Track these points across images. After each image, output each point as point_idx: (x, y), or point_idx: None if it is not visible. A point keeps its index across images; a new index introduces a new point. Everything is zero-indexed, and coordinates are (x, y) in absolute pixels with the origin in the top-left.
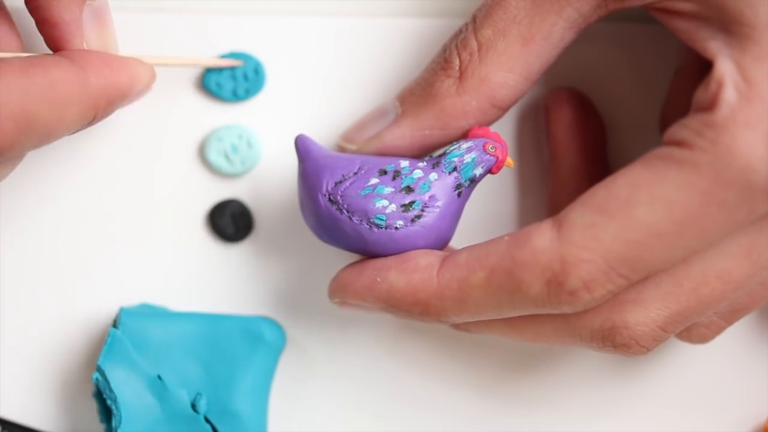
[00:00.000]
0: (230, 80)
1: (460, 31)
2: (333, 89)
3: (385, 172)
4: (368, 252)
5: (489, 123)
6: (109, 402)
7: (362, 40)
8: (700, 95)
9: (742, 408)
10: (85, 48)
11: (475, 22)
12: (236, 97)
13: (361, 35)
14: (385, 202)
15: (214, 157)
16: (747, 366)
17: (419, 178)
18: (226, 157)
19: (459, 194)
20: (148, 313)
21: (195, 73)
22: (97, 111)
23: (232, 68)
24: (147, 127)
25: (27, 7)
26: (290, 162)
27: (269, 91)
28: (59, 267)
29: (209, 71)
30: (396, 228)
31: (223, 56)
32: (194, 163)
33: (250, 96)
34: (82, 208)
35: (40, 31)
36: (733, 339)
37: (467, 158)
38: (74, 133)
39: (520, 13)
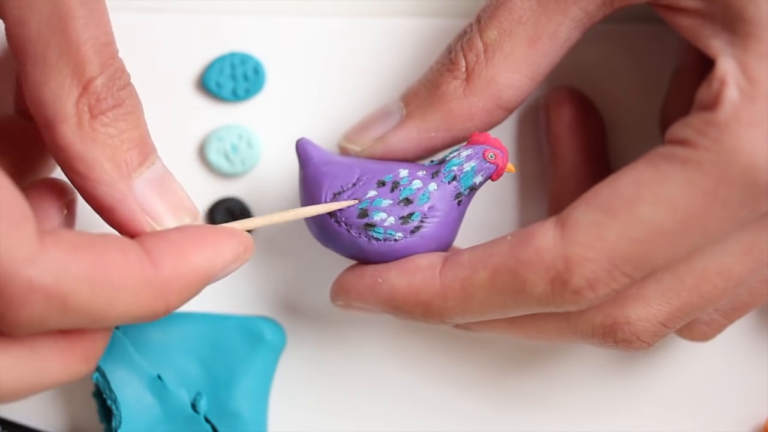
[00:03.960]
0: (230, 80)
1: (465, 32)
2: (333, 89)
3: (384, 184)
4: (368, 261)
5: (495, 124)
6: (109, 402)
7: (362, 40)
8: (703, 94)
9: (742, 408)
10: (152, 226)
11: (480, 23)
12: (236, 97)
13: (361, 35)
14: (383, 215)
15: (214, 156)
16: (747, 366)
17: (418, 189)
18: (226, 156)
19: (459, 203)
20: None
21: (195, 73)
22: (167, 300)
23: (232, 68)
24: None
25: (82, 197)
26: (290, 162)
27: (269, 91)
28: None
29: (209, 70)
30: (395, 240)
31: (223, 56)
32: (194, 162)
33: (250, 96)
34: (82, 207)
35: (105, 221)
36: (733, 339)
37: (467, 167)
38: (146, 321)
39: (526, 13)
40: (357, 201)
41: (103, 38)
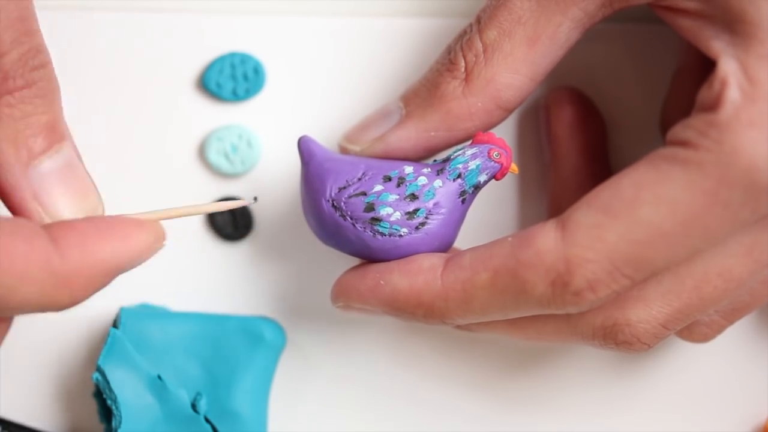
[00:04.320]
0: (230, 80)
1: (465, 32)
2: (333, 89)
3: (390, 179)
4: (372, 258)
5: (494, 124)
6: (109, 402)
7: (362, 40)
8: (704, 95)
9: (742, 408)
10: (41, 216)
11: (480, 23)
12: (236, 97)
13: (361, 35)
14: (389, 210)
15: (214, 157)
16: (747, 366)
17: (424, 185)
18: (226, 157)
19: (463, 201)
20: (148, 313)
21: (195, 73)
22: (72, 292)
23: (232, 68)
24: (147, 127)
25: None
26: (290, 162)
27: (269, 91)
28: None
29: (209, 70)
30: (400, 235)
31: (223, 56)
32: (194, 162)
33: (250, 96)
34: None
35: (4, 204)
36: (733, 339)
37: (472, 165)
38: (49, 312)
39: (525, 13)
40: (251, 202)
41: (16, 12)
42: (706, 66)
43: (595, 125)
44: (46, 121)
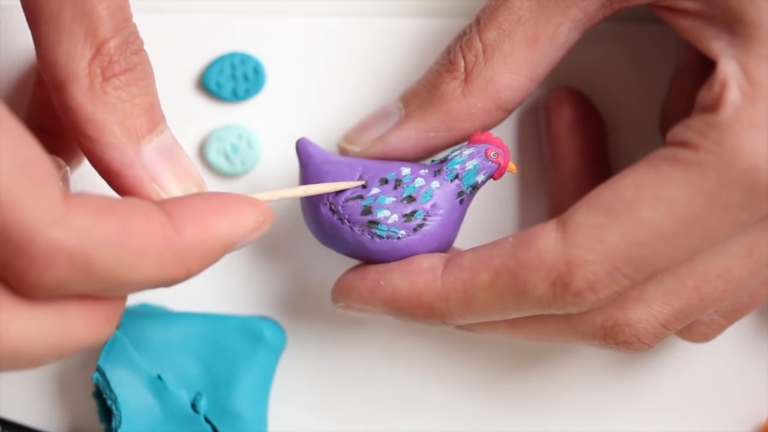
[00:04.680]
0: (230, 80)
1: (464, 32)
2: (333, 89)
3: (387, 181)
4: (370, 260)
5: (494, 125)
6: (109, 402)
7: (362, 40)
8: (704, 96)
9: (742, 408)
10: (158, 193)
11: (479, 24)
12: (236, 97)
13: (361, 35)
14: (386, 212)
15: (214, 157)
16: (747, 366)
17: (421, 187)
18: (226, 157)
19: (461, 201)
20: (148, 313)
21: (195, 72)
22: (188, 266)
23: (232, 68)
24: None
25: (91, 164)
26: (290, 162)
27: (269, 91)
28: None
29: (209, 70)
30: (398, 238)
31: (223, 56)
32: (194, 163)
33: (250, 96)
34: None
35: (110, 186)
36: (733, 339)
37: (469, 165)
38: (164, 287)
39: (525, 14)
40: (365, 181)
41: (117, 0)
42: (706, 66)
43: (594, 125)
44: (149, 102)
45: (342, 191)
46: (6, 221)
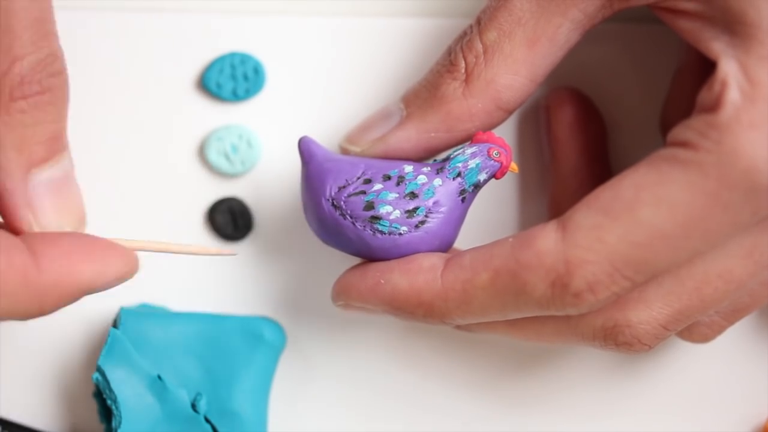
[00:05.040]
0: (230, 80)
1: (465, 33)
2: (333, 89)
3: (389, 178)
4: (372, 257)
5: (494, 125)
6: (109, 402)
7: (362, 40)
8: (704, 96)
9: (742, 408)
10: (31, 225)
11: (480, 25)
12: (236, 97)
13: (361, 35)
14: (389, 208)
15: (214, 157)
16: (747, 366)
17: (423, 184)
18: (226, 157)
19: (463, 199)
20: (148, 313)
21: (195, 73)
22: (42, 305)
23: (232, 68)
24: (147, 127)
25: None
26: (290, 162)
27: (269, 91)
28: None
29: (209, 70)
30: (400, 234)
31: (223, 56)
32: (194, 163)
33: (250, 96)
34: None
35: None
36: (733, 339)
37: (471, 164)
38: (13, 320)
39: (525, 14)
40: (235, 253)
41: (37, 13)
42: (707, 66)
43: (595, 125)
44: (53, 130)
45: (344, 186)
46: None
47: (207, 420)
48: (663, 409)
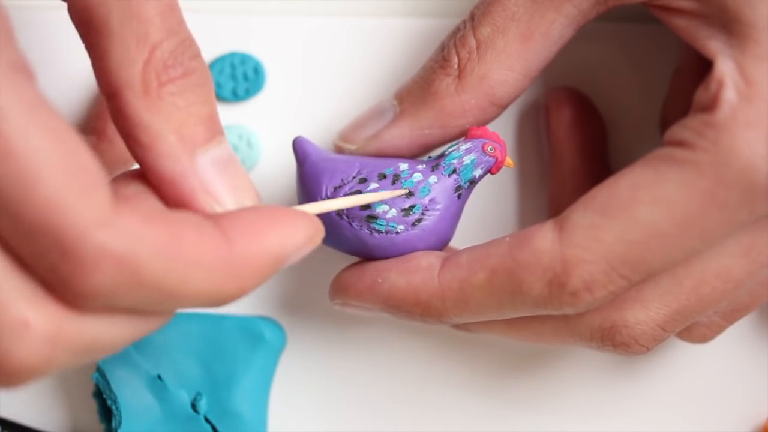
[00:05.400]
0: (230, 80)
1: (458, 29)
2: (332, 89)
3: (385, 176)
4: (369, 256)
5: (488, 121)
6: (109, 402)
7: (362, 40)
8: (701, 95)
9: (742, 408)
10: (212, 206)
11: (474, 20)
12: (236, 97)
13: (361, 35)
14: (385, 207)
15: None
16: (747, 366)
17: (419, 182)
18: None
19: (459, 196)
20: None
21: None
22: (242, 282)
23: (232, 68)
24: None
25: (142, 170)
26: (290, 162)
27: (269, 91)
28: None
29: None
30: (397, 232)
31: (223, 56)
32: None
33: (250, 96)
34: None
35: (162, 197)
36: (733, 339)
37: (466, 160)
38: (218, 306)
39: (519, 10)
40: (408, 190)
41: (167, 2)
42: (706, 66)
43: (594, 125)
44: (207, 111)
45: (340, 186)
46: (55, 224)
47: (207, 420)
48: (663, 409)
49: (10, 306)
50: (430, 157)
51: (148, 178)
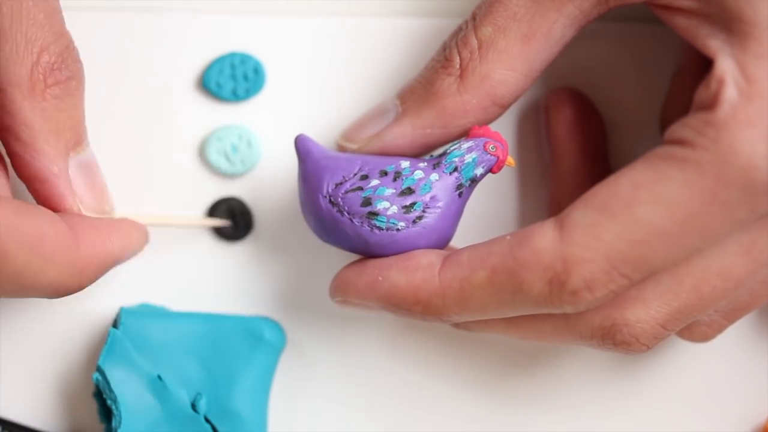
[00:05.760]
0: (230, 80)
1: (460, 29)
2: (333, 89)
3: (386, 173)
4: (369, 253)
5: (490, 121)
6: (109, 402)
7: (362, 40)
8: (701, 94)
9: (742, 408)
10: (78, 207)
11: (475, 20)
12: (236, 97)
13: (361, 35)
14: (386, 204)
15: (214, 157)
16: (747, 366)
17: (420, 179)
18: (226, 157)
19: (460, 194)
20: (148, 313)
21: (195, 73)
22: (81, 279)
23: (232, 68)
24: (147, 127)
25: (12, 166)
26: (290, 162)
27: (269, 91)
28: None
29: (209, 70)
30: (398, 229)
31: (223, 56)
32: (194, 163)
33: (250, 96)
34: None
35: (30, 191)
36: (733, 339)
37: (468, 158)
38: (55, 297)
39: (521, 10)
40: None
41: (53, 4)
42: (706, 66)
43: (595, 125)
44: (78, 116)
45: (341, 183)
46: None
47: (207, 420)
48: (663, 409)
49: None
50: (432, 155)
51: (20, 174)
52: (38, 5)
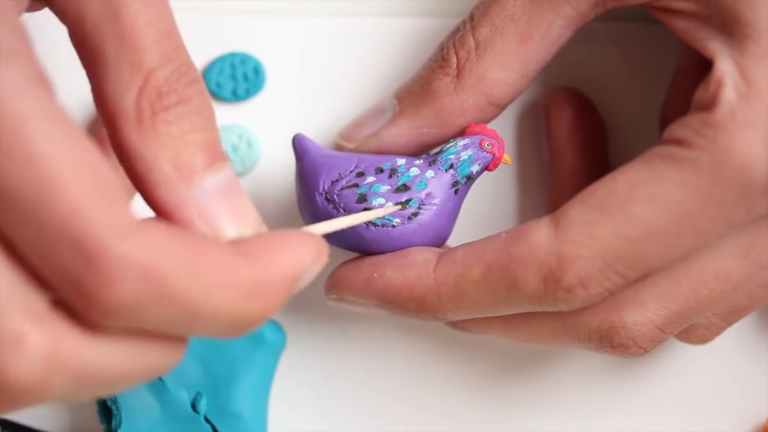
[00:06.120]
0: (230, 80)
1: (458, 29)
2: (333, 89)
3: (382, 170)
4: (365, 250)
5: (487, 121)
6: (109, 402)
7: (361, 40)
8: (700, 94)
9: (742, 408)
10: (218, 236)
11: (473, 20)
12: (236, 97)
13: (360, 35)
14: (381, 200)
15: None
16: (747, 366)
17: (416, 176)
18: None
19: (456, 191)
20: None
21: None
22: (263, 304)
23: (232, 68)
24: None
25: (142, 199)
26: (290, 162)
27: (269, 91)
28: None
29: (209, 70)
30: (393, 226)
31: (223, 56)
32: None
33: (250, 96)
34: None
35: None
36: (733, 339)
37: (464, 155)
38: (238, 330)
39: (518, 11)
40: (400, 205)
41: (163, 26)
42: (706, 67)
43: (594, 126)
44: (205, 138)
45: (337, 180)
46: (79, 232)
47: (207, 420)
48: (662, 410)
49: (7, 317)
50: (428, 153)
51: (150, 208)
52: (142, 23)
